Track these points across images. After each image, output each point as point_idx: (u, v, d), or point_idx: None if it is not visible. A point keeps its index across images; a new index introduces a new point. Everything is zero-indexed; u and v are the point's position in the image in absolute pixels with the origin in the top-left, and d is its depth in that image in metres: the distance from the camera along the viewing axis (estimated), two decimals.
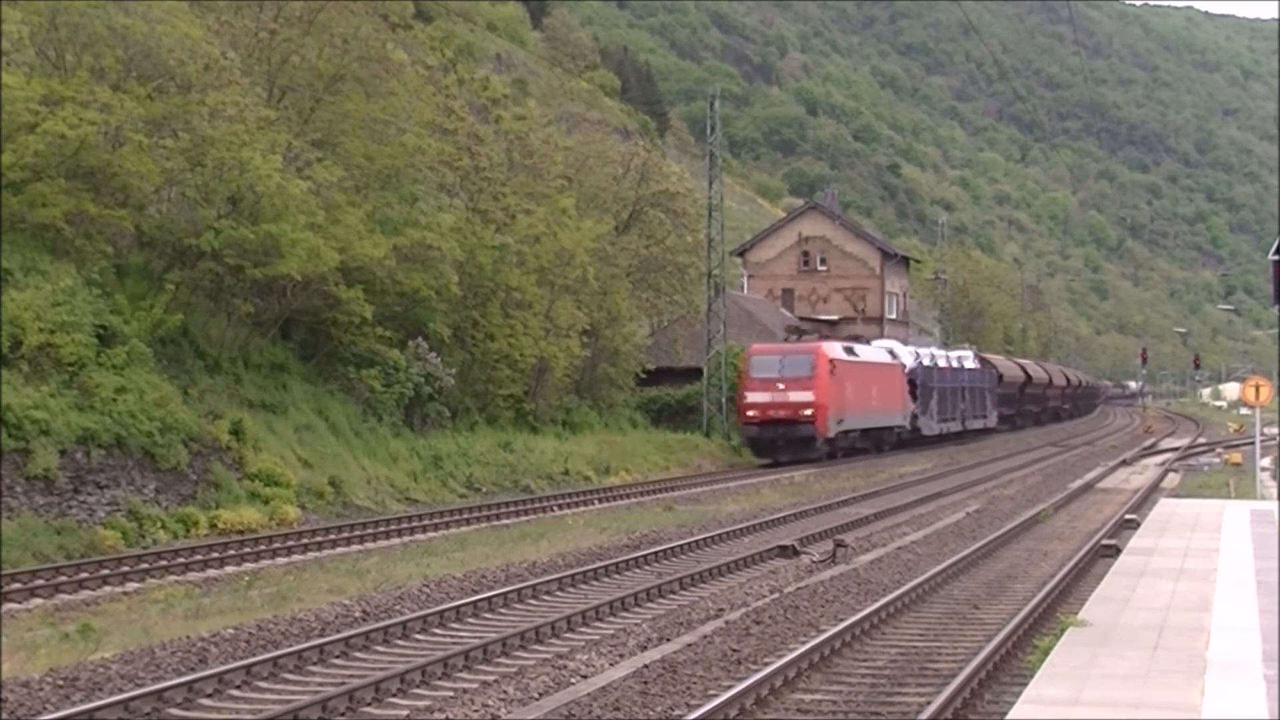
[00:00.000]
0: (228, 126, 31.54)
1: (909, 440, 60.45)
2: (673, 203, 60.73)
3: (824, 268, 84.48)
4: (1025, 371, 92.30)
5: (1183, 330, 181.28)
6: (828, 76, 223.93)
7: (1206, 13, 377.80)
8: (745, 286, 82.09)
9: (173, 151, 31.21)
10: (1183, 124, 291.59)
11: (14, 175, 28.11)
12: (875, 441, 55.96)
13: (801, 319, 74.68)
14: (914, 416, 60.61)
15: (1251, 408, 38.49)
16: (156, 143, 30.82)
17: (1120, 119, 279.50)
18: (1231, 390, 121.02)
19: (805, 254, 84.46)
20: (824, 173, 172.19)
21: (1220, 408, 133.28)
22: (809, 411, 48.35)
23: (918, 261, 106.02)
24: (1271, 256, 23.13)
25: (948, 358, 70.27)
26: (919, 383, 61.54)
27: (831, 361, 49.62)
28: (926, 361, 64.61)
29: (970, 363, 74.65)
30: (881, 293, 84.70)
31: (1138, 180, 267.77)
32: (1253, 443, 40.17)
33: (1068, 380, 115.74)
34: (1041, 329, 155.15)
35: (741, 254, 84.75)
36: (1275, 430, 55.40)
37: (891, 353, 60.11)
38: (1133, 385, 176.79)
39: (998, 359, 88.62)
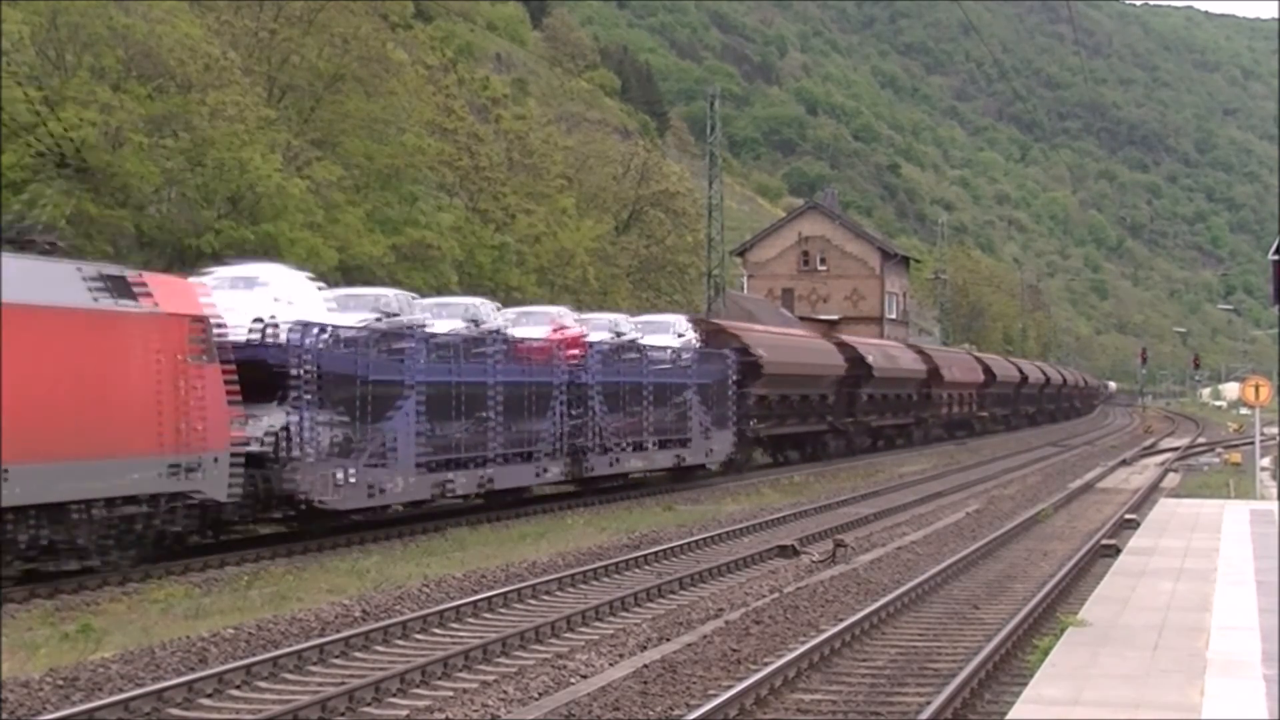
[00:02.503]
0: (228, 126, 31.64)
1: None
2: (673, 202, 60.89)
3: (824, 267, 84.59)
4: (852, 355, 51.72)
5: (1183, 330, 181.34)
6: (828, 76, 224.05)
7: (1206, 13, 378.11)
8: (745, 286, 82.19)
9: (173, 151, 31.29)
10: (1183, 124, 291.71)
11: (14, 175, 28.13)
12: None
13: (802, 319, 74.43)
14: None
15: (1251, 408, 38.51)
16: (157, 143, 30.88)
17: (1120, 119, 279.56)
18: (1231, 390, 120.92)
19: (805, 254, 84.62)
20: (824, 173, 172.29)
21: (1220, 408, 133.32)
22: None
23: (918, 261, 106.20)
24: (1271, 256, 23.15)
25: (545, 317, 33.86)
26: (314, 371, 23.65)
27: None
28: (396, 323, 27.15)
29: (675, 336, 39.40)
30: (881, 292, 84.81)
31: (1138, 180, 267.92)
32: (1253, 443, 40.18)
33: (990, 374, 74.17)
34: (1041, 329, 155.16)
35: (741, 254, 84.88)
36: (1275, 430, 55.38)
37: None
38: (1111, 385, 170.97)
39: (766, 332, 48.61)
